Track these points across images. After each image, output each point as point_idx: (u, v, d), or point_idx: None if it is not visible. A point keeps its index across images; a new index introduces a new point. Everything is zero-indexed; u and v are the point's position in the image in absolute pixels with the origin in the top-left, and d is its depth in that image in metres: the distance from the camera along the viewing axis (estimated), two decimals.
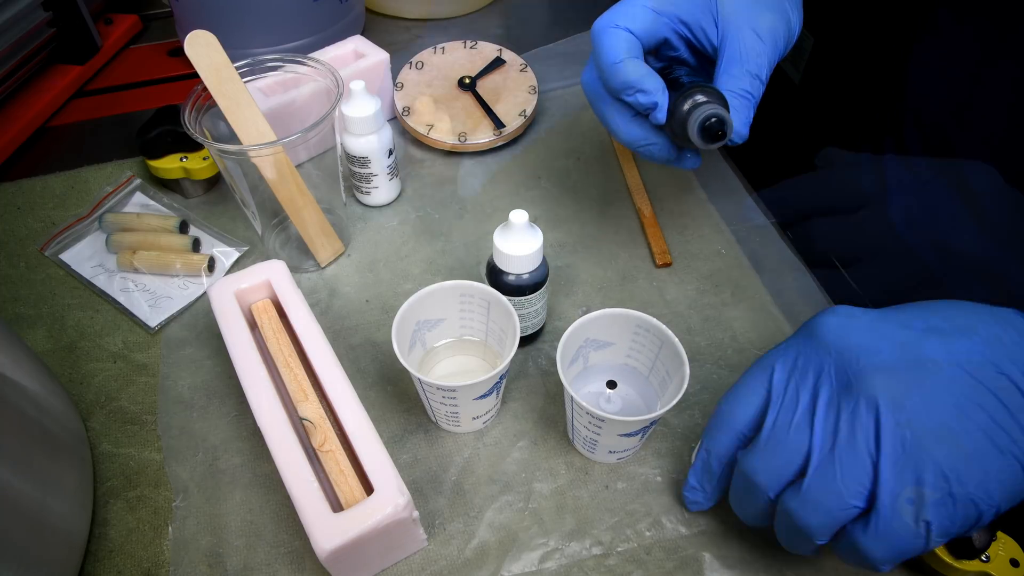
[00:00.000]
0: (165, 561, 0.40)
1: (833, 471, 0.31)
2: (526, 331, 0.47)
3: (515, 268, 0.44)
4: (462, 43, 0.70)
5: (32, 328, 0.51)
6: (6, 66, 0.63)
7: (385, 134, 0.55)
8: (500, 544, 0.40)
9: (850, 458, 0.31)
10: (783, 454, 0.33)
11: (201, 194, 0.61)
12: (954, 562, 0.36)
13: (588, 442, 0.42)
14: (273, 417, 0.38)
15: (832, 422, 0.32)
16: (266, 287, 0.46)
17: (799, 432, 0.32)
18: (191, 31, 0.45)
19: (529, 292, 0.45)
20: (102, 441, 0.45)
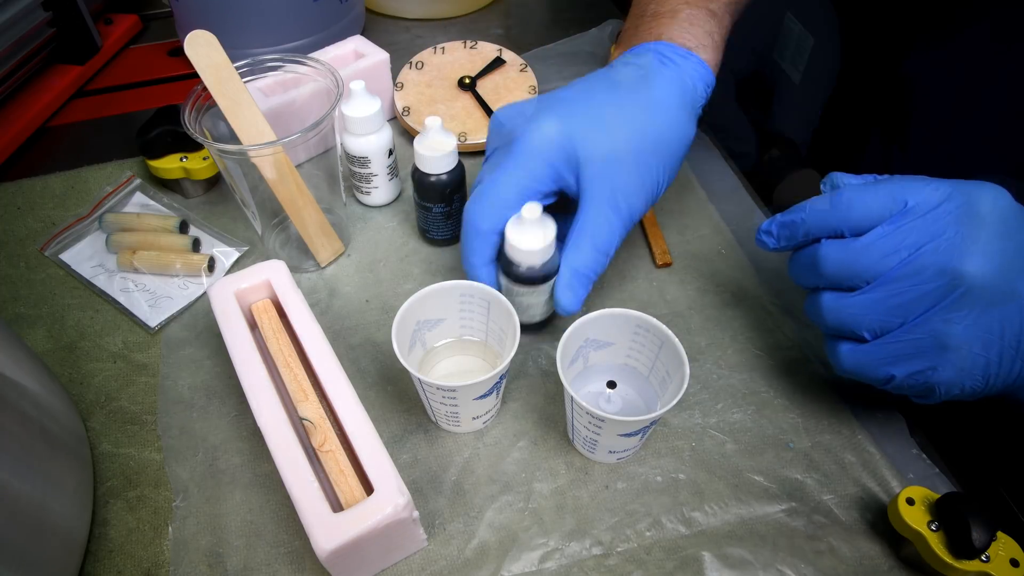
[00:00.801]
0: (165, 561, 0.40)
1: (874, 309, 0.36)
2: (534, 318, 0.49)
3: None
4: (462, 43, 0.70)
5: (32, 328, 0.51)
6: (6, 66, 0.63)
7: (385, 134, 0.55)
8: (500, 544, 0.40)
9: (894, 309, 0.35)
10: (862, 268, 0.36)
11: (201, 194, 0.61)
12: (954, 562, 0.36)
13: (588, 442, 0.42)
14: (273, 417, 0.38)
15: (912, 273, 0.34)
16: (266, 287, 0.46)
17: (888, 261, 0.35)
18: (191, 31, 0.45)
19: (541, 282, 0.45)
20: (102, 441, 0.45)
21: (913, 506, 0.38)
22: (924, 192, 0.35)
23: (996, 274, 0.34)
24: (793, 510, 0.42)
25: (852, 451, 0.44)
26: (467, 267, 0.46)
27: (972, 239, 0.34)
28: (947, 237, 0.34)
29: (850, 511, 0.41)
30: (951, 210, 0.34)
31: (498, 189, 0.43)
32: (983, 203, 0.34)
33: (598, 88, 0.45)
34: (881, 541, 0.40)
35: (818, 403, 0.46)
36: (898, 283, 0.35)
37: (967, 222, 0.34)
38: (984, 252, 0.34)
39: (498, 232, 0.44)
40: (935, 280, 0.34)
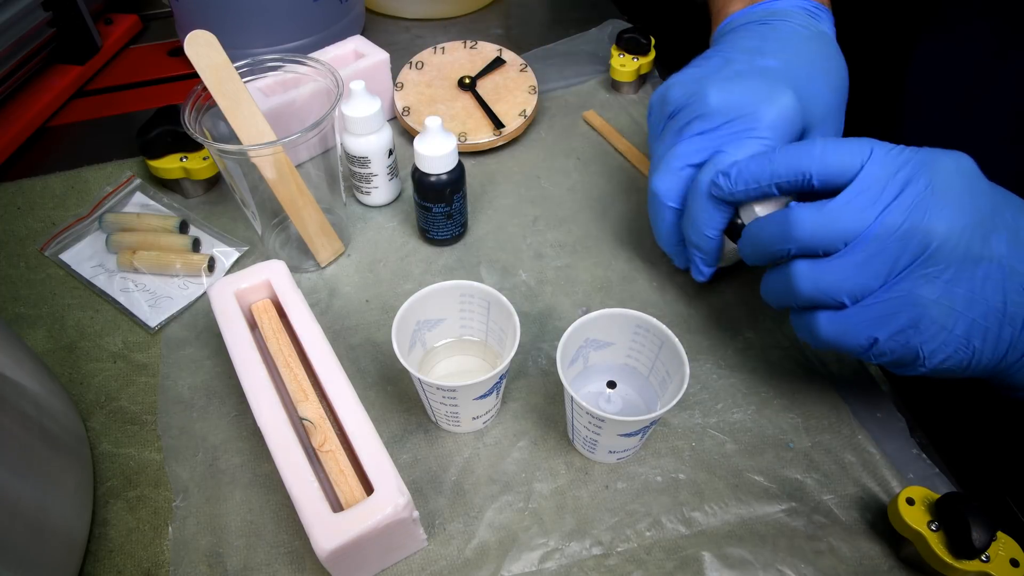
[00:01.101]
0: (165, 561, 0.40)
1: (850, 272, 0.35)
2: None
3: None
4: (462, 43, 0.70)
5: (32, 328, 0.51)
6: (6, 66, 0.63)
7: (385, 134, 0.55)
8: (500, 544, 0.40)
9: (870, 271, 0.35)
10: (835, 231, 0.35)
11: (201, 194, 0.61)
12: (954, 562, 0.36)
13: (588, 442, 0.42)
14: (273, 417, 0.38)
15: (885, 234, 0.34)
16: (266, 287, 0.46)
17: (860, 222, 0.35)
18: (191, 31, 0.45)
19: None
20: (102, 441, 0.45)
21: (913, 506, 0.38)
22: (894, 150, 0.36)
23: (967, 230, 0.34)
24: (793, 510, 0.42)
25: (852, 451, 0.44)
26: (696, 235, 0.44)
27: (941, 194, 0.34)
28: (915, 192, 0.34)
29: (850, 511, 0.41)
30: (918, 167, 0.35)
31: (752, 170, 0.40)
32: (948, 164, 0.35)
33: (799, 51, 0.46)
34: (881, 541, 0.40)
35: (818, 403, 0.46)
36: (876, 242, 0.34)
37: (935, 180, 0.34)
38: (953, 208, 0.34)
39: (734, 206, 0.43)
40: (908, 238, 0.34)
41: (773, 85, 0.43)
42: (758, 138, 0.42)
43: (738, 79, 0.44)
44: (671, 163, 0.45)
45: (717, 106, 0.43)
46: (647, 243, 0.56)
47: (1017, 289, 0.34)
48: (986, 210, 0.34)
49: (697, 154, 0.44)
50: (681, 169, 0.45)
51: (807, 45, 0.47)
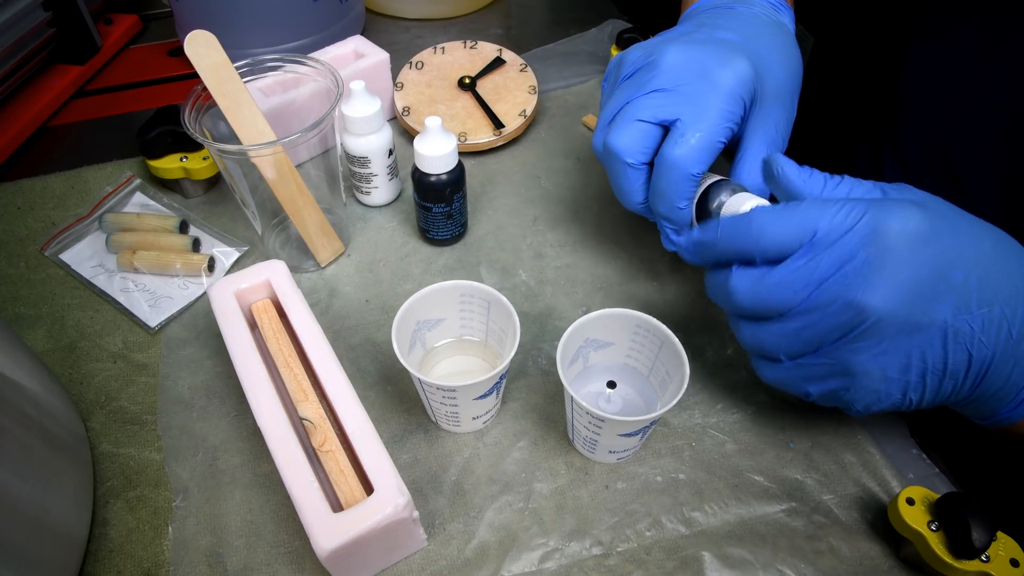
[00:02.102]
0: (165, 561, 0.40)
1: (788, 337, 0.37)
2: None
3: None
4: (462, 43, 0.70)
5: (32, 328, 0.51)
6: (6, 66, 0.63)
7: (385, 134, 0.55)
8: (500, 544, 0.40)
9: (806, 337, 0.36)
10: (770, 302, 0.36)
11: (201, 194, 0.61)
12: (954, 562, 0.36)
13: (588, 442, 0.42)
14: (273, 417, 0.38)
15: (822, 305, 0.35)
16: (266, 287, 0.46)
17: (794, 296, 0.35)
18: (191, 31, 0.45)
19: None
20: (102, 441, 0.45)
21: (913, 506, 0.38)
22: (836, 218, 0.34)
23: (903, 304, 0.33)
24: (793, 510, 0.42)
25: (852, 451, 0.44)
26: (666, 208, 0.44)
27: (878, 269, 0.33)
28: (853, 267, 0.33)
29: (850, 511, 0.41)
30: (859, 238, 0.34)
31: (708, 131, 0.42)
32: (892, 227, 0.33)
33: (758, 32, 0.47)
34: (881, 541, 0.40)
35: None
36: (807, 316, 0.35)
37: (875, 250, 0.33)
38: (890, 283, 0.33)
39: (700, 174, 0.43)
40: (842, 313, 0.34)
41: (731, 52, 0.43)
42: (718, 102, 0.42)
43: (697, 44, 0.44)
44: (628, 118, 0.44)
45: (674, 64, 0.43)
46: (647, 243, 0.56)
47: (960, 349, 0.34)
48: (930, 277, 0.33)
49: (655, 110, 0.43)
50: (637, 122, 0.43)
51: (766, 28, 0.48)
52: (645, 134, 0.43)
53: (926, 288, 0.33)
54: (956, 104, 0.54)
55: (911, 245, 0.33)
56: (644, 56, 0.45)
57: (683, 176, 0.42)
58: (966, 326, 0.33)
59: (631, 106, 0.44)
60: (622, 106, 0.44)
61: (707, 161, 0.42)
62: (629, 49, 0.47)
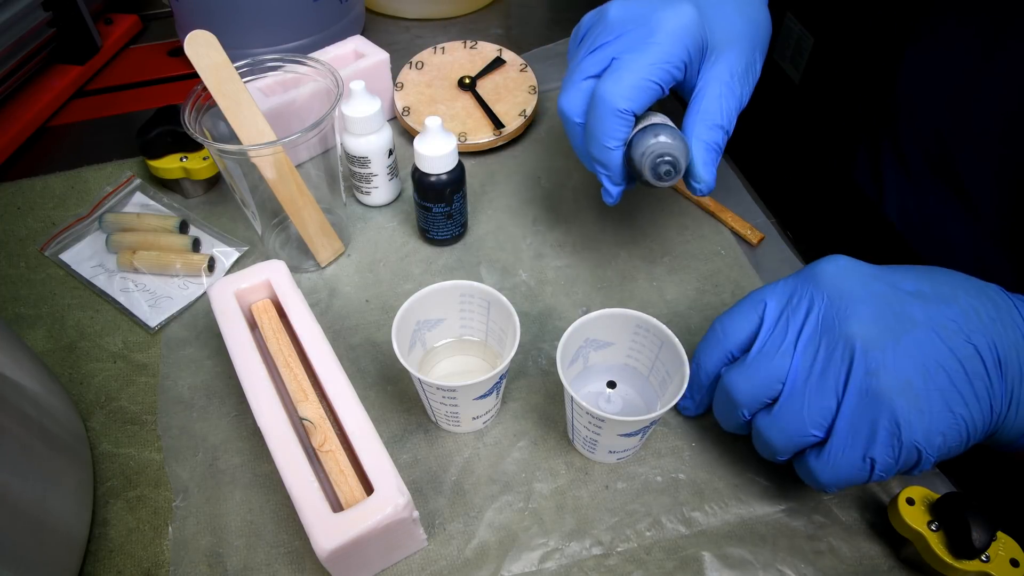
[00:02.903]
0: (165, 561, 0.40)
1: (802, 401, 0.35)
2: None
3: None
4: (462, 43, 0.70)
5: (32, 328, 0.51)
6: (6, 66, 0.63)
7: (385, 134, 0.55)
8: (500, 544, 0.40)
9: (818, 393, 0.35)
10: (763, 377, 0.36)
11: (201, 194, 0.61)
12: (954, 562, 0.36)
13: (588, 442, 0.42)
14: (273, 417, 0.38)
15: (811, 356, 0.35)
16: (266, 287, 0.46)
17: (781, 359, 0.36)
18: (191, 31, 0.45)
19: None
20: (102, 441, 0.45)
21: (913, 506, 0.38)
22: (777, 288, 0.38)
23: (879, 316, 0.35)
24: (793, 510, 0.42)
25: None
26: (597, 150, 0.43)
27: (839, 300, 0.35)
28: (818, 309, 0.36)
29: (850, 511, 0.41)
30: (807, 288, 0.37)
31: (640, 68, 0.41)
32: (827, 270, 0.36)
33: None
34: (881, 541, 0.40)
35: None
36: (805, 368, 0.35)
37: (825, 290, 0.36)
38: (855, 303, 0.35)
39: (634, 114, 0.42)
40: (834, 349, 0.35)
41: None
42: (655, 43, 0.41)
43: None
44: (573, 78, 0.44)
45: (616, 18, 0.43)
46: (647, 243, 0.56)
47: (961, 343, 0.34)
48: (884, 290, 0.35)
49: (597, 65, 0.43)
50: (582, 82, 0.44)
51: None
52: (588, 92, 0.43)
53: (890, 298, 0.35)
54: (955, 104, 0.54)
55: (852, 274, 0.36)
56: (594, 15, 0.45)
57: (610, 111, 0.41)
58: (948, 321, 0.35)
59: (578, 67, 0.44)
60: (573, 68, 0.45)
61: (637, 99, 0.41)
62: (586, 15, 0.47)
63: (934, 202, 0.51)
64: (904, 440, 0.33)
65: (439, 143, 0.50)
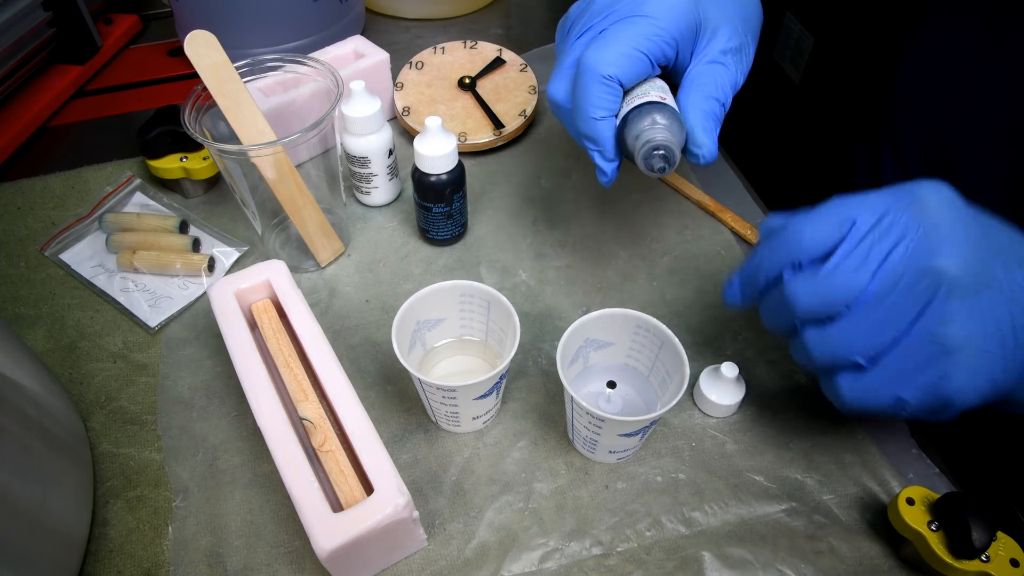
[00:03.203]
0: (165, 561, 0.40)
1: (863, 328, 0.33)
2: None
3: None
4: (462, 43, 0.70)
5: (32, 328, 0.51)
6: (6, 66, 0.63)
7: (385, 134, 0.55)
8: (500, 544, 0.40)
9: (883, 325, 0.33)
10: (834, 295, 0.34)
11: (201, 194, 0.61)
12: (954, 562, 0.36)
13: (588, 442, 0.42)
14: (273, 417, 0.38)
15: (889, 286, 0.33)
16: (266, 287, 0.46)
17: (858, 281, 0.33)
18: (191, 31, 0.45)
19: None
20: (102, 441, 0.45)
21: (913, 506, 0.38)
22: (868, 202, 0.34)
23: (971, 262, 0.32)
24: (793, 510, 0.42)
25: (852, 451, 0.44)
26: (583, 122, 0.41)
27: (935, 234, 0.32)
28: (910, 238, 0.33)
29: (850, 511, 0.41)
30: (903, 211, 0.33)
31: (628, 37, 0.39)
32: (930, 198, 0.33)
33: None
34: (881, 541, 0.40)
35: (818, 403, 0.46)
36: (878, 297, 0.33)
37: (923, 219, 0.33)
38: (953, 242, 0.32)
39: (621, 83, 0.40)
40: (916, 284, 0.32)
41: None
42: (645, 16, 0.39)
43: None
44: (561, 65, 0.43)
45: (603, 2, 0.42)
46: (647, 243, 0.56)
47: (1020, 311, 0.33)
48: (979, 236, 0.33)
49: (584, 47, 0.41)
50: (570, 67, 0.42)
51: None
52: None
53: (983, 244, 0.33)
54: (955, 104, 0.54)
55: (954, 208, 0.33)
56: (581, 4, 0.44)
57: (593, 78, 0.39)
58: (1018, 287, 0.34)
59: (565, 54, 0.43)
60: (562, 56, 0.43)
61: (623, 68, 0.39)
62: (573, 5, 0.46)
63: None
64: (944, 392, 0.33)
65: (439, 143, 0.50)
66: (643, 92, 0.41)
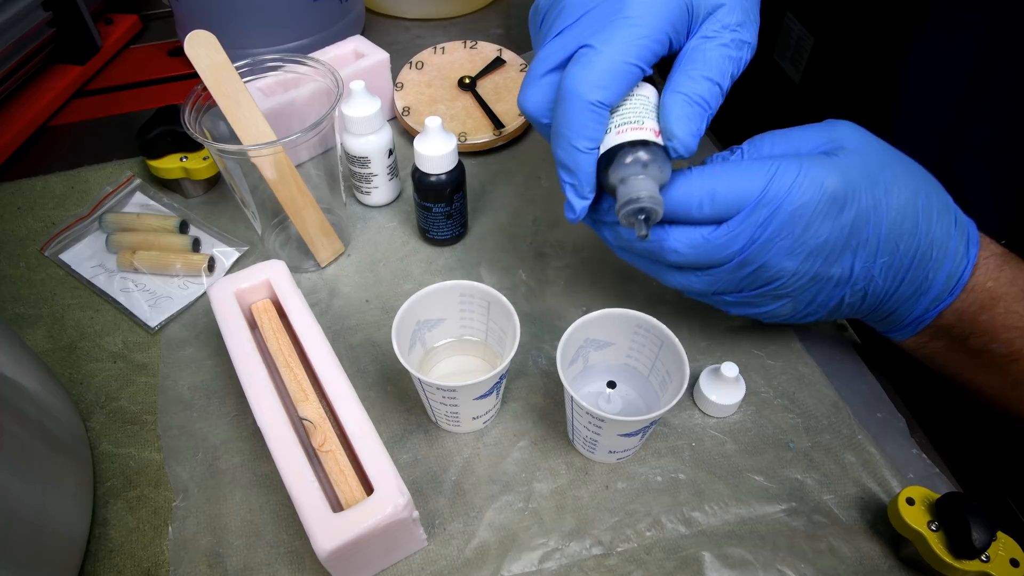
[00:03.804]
0: (165, 561, 0.40)
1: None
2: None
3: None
4: (462, 43, 0.70)
5: (32, 328, 0.51)
6: (6, 66, 0.63)
7: (385, 134, 0.55)
8: (500, 544, 0.40)
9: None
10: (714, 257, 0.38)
11: (201, 194, 0.61)
12: (954, 562, 0.36)
13: (588, 442, 0.42)
14: (273, 417, 0.38)
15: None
16: (266, 287, 0.46)
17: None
18: (191, 31, 0.45)
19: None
20: (102, 441, 0.45)
21: (913, 506, 0.38)
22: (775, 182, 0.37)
23: (813, 264, 0.38)
24: (793, 510, 0.42)
25: (852, 451, 0.44)
26: (563, 152, 0.37)
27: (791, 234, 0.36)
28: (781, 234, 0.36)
29: (850, 511, 0.41)
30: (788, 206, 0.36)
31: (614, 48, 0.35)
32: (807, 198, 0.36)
33: None
34: (881, 541, 0.40)
35: (818, 403, 0.46)
36: (736, 268, 0.38)
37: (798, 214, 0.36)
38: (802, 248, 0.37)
39: (610, 107, 0.36)
40: (763, 272, 0.38)
41: None
42: (628, 18, 0.35)
43: None
44: (534, 72, 0.38)
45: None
46: None
47: (858, 292, 0.39)
48: (840, 240, 0.37)
49: (558, 55, 0.37)
50: (543, 76, 0.38)
51: None
52: (553, 87, 0.37)
53: (837, 246, 0.37)
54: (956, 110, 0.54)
55: (828, 212, 0.36)
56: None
57: (579, 105, 0.35)
58: (866, 272, 0.38)
59: (537, 59, 0.38)
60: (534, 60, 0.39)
61: (612, 87, 0.35)
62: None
63: None
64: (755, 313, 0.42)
65: (439, 143, 0.50)
66: (631, 114, 0.37)
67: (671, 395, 0.40)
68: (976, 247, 0.40)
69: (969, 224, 0.40)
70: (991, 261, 0.40)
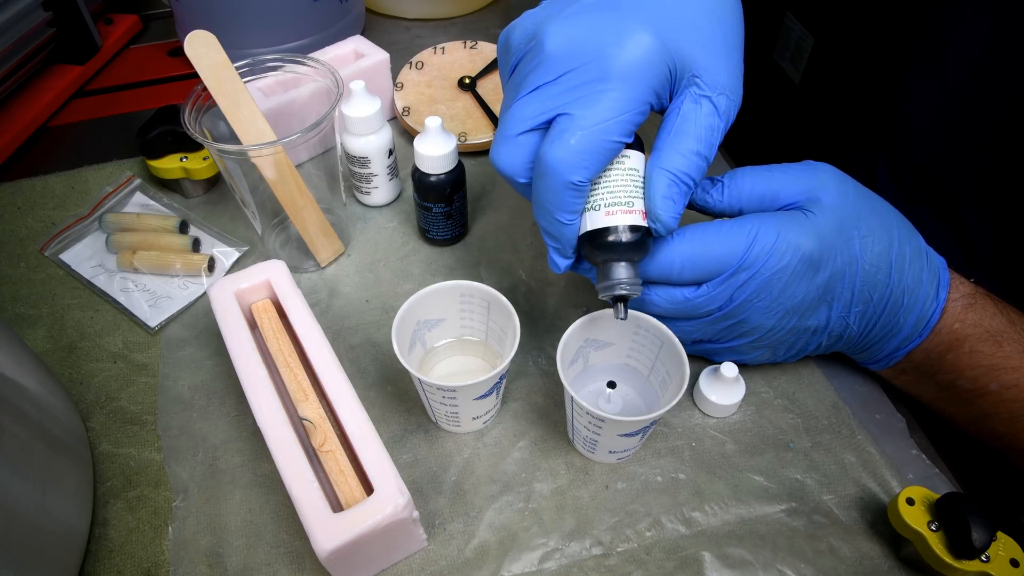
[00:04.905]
0: (165, 561, 0.40)
1: None
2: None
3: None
4: (462, 43, 0.70)
5: (32, 328, 0.51)
6: (6, 66, 0.63)
7: (385, 134, 0.55)
8: (500, 544, 0.40)
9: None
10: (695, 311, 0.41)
11: (201, 194, 0.61)
12: (954, 562, 0.36)
13: (588, 442, 0.42)
14: (273, 417, 0.38)
15: None
16: (266, 287, 0.46)
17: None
18: (191, 31, 0.45)
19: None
20: (102, 441, 0.45)
21: (913, 506, 0.38)
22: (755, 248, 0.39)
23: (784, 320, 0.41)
24: (793, 510, 0.42)
25: (852, 451, 0.44)
26: (546, 223, 0.38)
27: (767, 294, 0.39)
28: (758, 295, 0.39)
29: (850, 511, 0.41)
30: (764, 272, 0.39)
31: (594, 126, 0.34)
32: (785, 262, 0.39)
33: None
34: (881, 541, 0.40)
35: (818, 403, 0.46)
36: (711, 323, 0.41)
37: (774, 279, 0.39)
38: (776, 307, 0.40)
39: (590, 181, 0.36)
40: (737, 328, 0.41)
41: (623, 20, 0.34)
42: (607, 91, 0.34)
43: (582, 15, 0.35)
44: (508, 129, 0.37)
45: (555, 52, 0.35)
46: None
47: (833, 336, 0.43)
48: (814, 297, 0.40)
49: (535, 116, 0.36)
50: (519, 136, 0.37)
51: None
52: (530, 147, 0.37)
53: (813, 303, 0.40)
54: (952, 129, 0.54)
55: (804, 274, 0.39)
56: (527, 38, 0.38)
57: (561, 184, 0.35)
58: (842, 321, 0.42)
59: (512, 115, 0.37)
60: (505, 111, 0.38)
61: (593, 167, 0.35)
62: (512, 28, 0.39)
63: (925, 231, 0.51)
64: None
65: (439, 143, 0.50)
66: (621, 193, 0.37)
67: (671, 395, 0.40)
68: (946, 290, 0.42)
69: (941, 266, 0.42)
70: (959, 303, 0.42)
